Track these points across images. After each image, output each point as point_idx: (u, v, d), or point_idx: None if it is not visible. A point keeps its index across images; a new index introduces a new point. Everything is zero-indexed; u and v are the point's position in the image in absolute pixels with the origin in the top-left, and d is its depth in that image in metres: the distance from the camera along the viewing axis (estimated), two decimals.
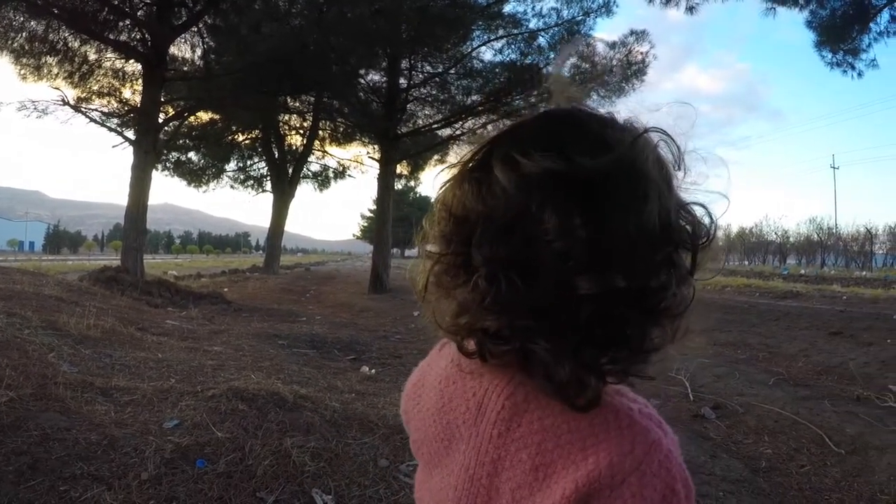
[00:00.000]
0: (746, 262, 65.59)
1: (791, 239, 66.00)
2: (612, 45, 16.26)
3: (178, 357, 5.33)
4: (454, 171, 0.69)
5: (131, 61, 16.50)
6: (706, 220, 0.67)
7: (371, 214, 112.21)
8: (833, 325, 10.29)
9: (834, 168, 65.74)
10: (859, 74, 15.20)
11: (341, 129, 24.54)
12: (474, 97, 18.78)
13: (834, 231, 58.93)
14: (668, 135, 0.66)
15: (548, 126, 0.66)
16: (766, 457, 4.16)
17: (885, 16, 14.14)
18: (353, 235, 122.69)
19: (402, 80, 18.74)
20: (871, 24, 14.30)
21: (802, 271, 40.35)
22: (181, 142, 23.12)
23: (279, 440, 3.24)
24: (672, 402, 5.61)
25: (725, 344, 9.05)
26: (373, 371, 6.38)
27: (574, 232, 0.58)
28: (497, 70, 17.79)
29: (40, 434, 2.97)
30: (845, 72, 15.38)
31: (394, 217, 21.09)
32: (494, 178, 0.62)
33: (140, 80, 15.84)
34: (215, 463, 2.93)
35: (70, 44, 15.63)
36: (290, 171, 26.79)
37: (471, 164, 0.67)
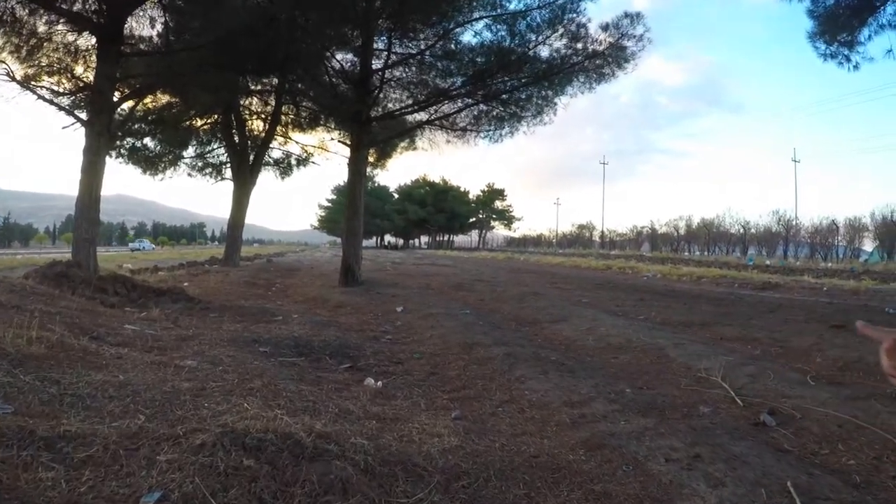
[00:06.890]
0: (706, 253, 66.85)
1: (752, 230, 67.85)
2: (605, 28, 15.40)
3: (145, 378, 4.23)
4: None
5: (85, 34, 15.01)
6: None
7: (329, 204, 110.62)
8: (831, 317, 10.14)
9: (795, 161, 67.44)
10: (855, 67, 14.90)
11: (305, 113, 23.34)
12: (453, 80, 17.75)
13: (795, 223, 60.87)
14: None
15: None
16: (852, 469, 3.48)
17: (889, 8, 13.70)
18: (311, 226, 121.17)
19: (375, 62, 17.61)
20: (874, 16, 13.85)
21: (767, 262, 41.03)
22: (136, 126, 21.64)
23: None
24: (723, 409, 4.84)
25: (733, 339, 8.54)
26: (379, 384, 5.41)
27: None
28: (479, 51, 16.79)
29: None
30: (840, 64, 15.08)
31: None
32: None
33: (94, 56, 14.42)
34: None
35: (18, 13, 14.03)
36: (252, 157, 25.62)
37: None
